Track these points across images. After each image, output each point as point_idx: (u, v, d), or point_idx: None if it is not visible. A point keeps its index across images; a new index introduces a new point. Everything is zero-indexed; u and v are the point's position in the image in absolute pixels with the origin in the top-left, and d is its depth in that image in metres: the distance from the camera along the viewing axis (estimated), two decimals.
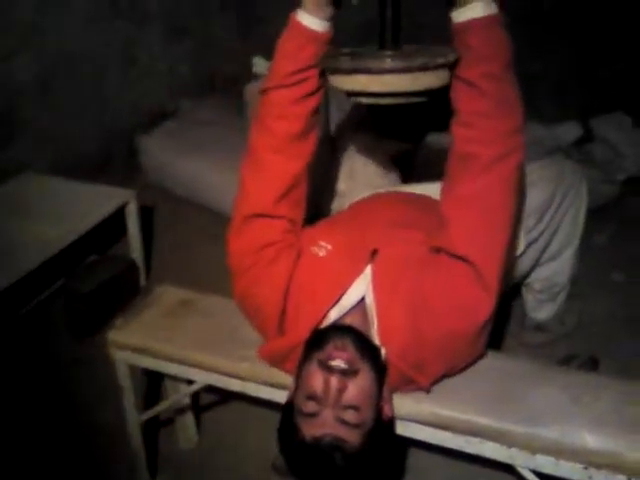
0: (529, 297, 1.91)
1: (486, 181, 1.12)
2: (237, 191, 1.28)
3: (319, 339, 1.12)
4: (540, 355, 1.90)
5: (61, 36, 2.65)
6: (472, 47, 1.08)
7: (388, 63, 1.03)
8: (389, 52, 1.09)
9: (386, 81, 1.03)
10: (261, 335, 1.30)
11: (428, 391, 1.19)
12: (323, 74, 1.19)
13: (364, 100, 1.10)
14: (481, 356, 1.25)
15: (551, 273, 1.80)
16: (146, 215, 2.47)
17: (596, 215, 2.23)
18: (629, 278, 2.26)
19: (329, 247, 1.26)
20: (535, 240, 1.64)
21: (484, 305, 1.13)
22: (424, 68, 1.03)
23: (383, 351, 1.15)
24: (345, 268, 1.21)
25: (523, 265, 1.68)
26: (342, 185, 1.78)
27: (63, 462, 1.72)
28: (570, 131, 2.72)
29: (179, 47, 3.29)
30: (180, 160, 2.81)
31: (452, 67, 1.09)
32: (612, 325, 2.04)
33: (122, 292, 2.23)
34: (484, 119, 1.11)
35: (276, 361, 1.27)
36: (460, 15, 1.08)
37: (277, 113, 1.22)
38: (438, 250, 1.17)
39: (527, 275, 1.79)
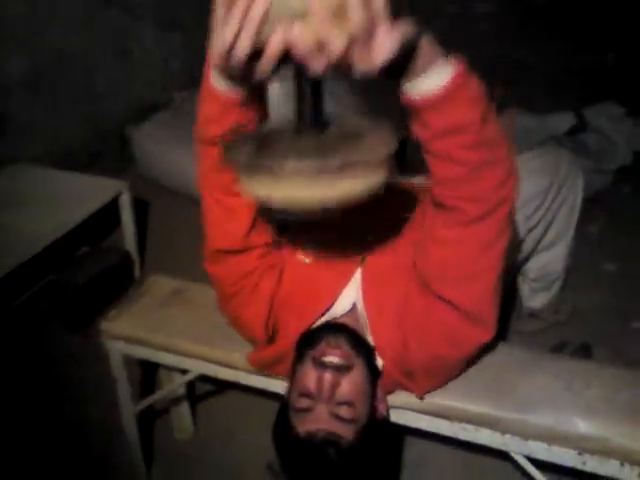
0: (524, 286, 1.92)
1: (474, 230, 0.95)
2: (204, 220, 1.17)
3: (312, 338, 1.10)
4: (533, 343, 1.91)
5: (52, 29, 2.62)
6: (432, 126, 0.83)
7: (291, 164, 0.70)
8: (307, 139, 0.76)
9: (290, 188, 0.71)
10: (250, 343, 1.28)
11: (421, 398, 1.18)
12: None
13: (273, 206, 0.76)
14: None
15: (546, 262, 1.81)
16: (139, 207, 2.46)
17: (588, 205, 2.23)
18: (621, 268, 2.27)
19: (316, 252, 1.21)
20: (533, 228, 1.64)
21: (478, 338, 1.08)
22: (341, 170, 0.70)
23: (380, 361, 1.14)
24: (334, 275, 1.18)
25: (521, 254, 1.68)
26: None
27: (59, 455, 1.72)
28: (563, 121, 2.71)
29: (172, 40, 3.27)
30: (173, 151, 2.78)
31: (393, 156, 0.76)
32: (604, 313, 2.06)
33: (116, 284, 2.23)
34: (463, 184, 0.90)
35: (266, 367, 1.26)
36: (412, 88, 0.80)
37: (219, 168, 1.02)
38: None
39: (523, 264, 1.80)
